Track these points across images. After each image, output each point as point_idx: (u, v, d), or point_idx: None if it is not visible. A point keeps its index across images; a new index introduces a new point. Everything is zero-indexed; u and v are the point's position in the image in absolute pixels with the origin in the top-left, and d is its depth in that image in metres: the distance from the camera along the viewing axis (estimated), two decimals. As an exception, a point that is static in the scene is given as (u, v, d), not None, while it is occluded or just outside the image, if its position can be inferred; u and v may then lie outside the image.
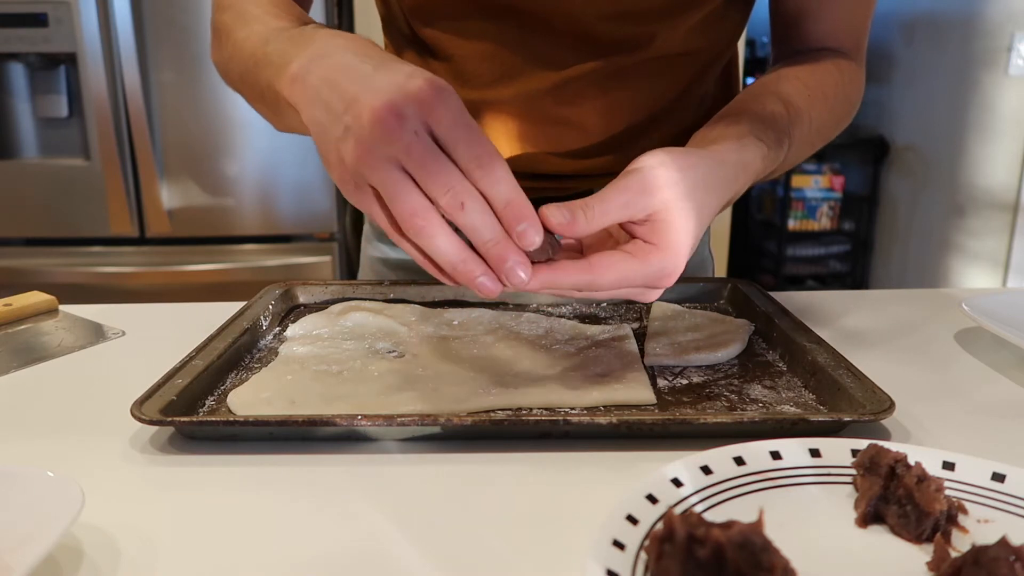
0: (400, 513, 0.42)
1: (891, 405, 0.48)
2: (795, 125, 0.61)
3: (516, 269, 0.43)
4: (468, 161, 0.43)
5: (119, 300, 0.83)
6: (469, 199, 0.42)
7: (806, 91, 0.65)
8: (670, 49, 0.70)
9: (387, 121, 0.42)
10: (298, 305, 0.74)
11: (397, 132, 0.42)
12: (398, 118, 0.42)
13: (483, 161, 0.43)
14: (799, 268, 3.31)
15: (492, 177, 0.43)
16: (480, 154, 0.43)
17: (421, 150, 0.42)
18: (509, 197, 0.43)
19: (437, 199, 0.42)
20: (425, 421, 0.47)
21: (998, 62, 2.51)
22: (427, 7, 0.71)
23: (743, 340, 0.62)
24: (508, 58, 0.70)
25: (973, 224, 2.64)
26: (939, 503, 0.37)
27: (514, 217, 0.43)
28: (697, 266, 0.86)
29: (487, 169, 0.43)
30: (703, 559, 0.30)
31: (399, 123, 0.42)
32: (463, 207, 0.42)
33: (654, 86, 0.72)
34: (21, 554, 0.34)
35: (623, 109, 0.72)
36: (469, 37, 0.71)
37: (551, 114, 0.72)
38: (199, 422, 0.49)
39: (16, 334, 0.69)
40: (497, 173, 0.43)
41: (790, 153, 0.61)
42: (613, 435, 0.49)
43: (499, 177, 0.43)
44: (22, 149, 2.01)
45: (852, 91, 0.72)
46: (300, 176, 2.01)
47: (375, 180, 0.43)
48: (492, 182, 0.43)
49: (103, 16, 1.84)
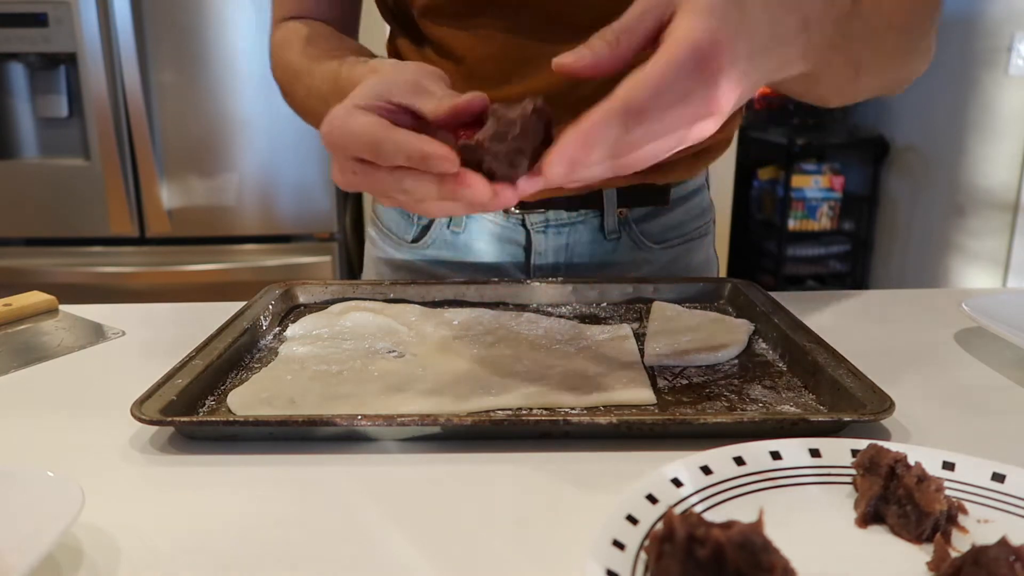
0: (400, 513, 0.42)
1: (891, 405, 0.48)
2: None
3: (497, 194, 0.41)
4: (373, 155, 0.43)
5: (119, 300, 0.83)
6: (403, 186, 0.43)
7: None
8: None
9: (334, 163, 0.46)
10: (298, 305, 0.74)
11: (341, 172, 0.45)
12: (342, 180, 0.46)
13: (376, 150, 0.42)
14: (799, 268, 3.31)
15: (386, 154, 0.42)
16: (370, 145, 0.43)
17: (358, 180, 0.45)
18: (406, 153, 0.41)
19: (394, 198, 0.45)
20: (425, 421, 0.47)
21: (998, 62, 2.51)
22: (437, 6, 0.71)
23: (743, 340, 0.62)
24: (519, 55, 0.70)
25: (973, 224, 2.64)
26: (939, 503, 0.37)
27: (417, 161, 0.41)
28: (702, 266, 0.86)
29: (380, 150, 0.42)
30: (703, 559, 0.30)
31: (340, 167, 0.45)
32: (407, 191, 0.43)
33: None
34: (21, 554, 0.34)
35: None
36: (480, 36, 0.71)
37: (564, 111, 0.71)
38: (199, 422, 0.49)
39: (16, 334, 0.69)
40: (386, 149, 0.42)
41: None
42: (613, 435, 0.49)
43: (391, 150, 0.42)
44: (22, 149, 2.01)
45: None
46: (300, 176, 2.01)
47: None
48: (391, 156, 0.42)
49: (103, 16, 1.84)
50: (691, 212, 0.84)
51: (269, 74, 0.75)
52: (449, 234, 0.81)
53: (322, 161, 2.00)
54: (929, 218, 2.85)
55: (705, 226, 0.86)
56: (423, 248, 0.82)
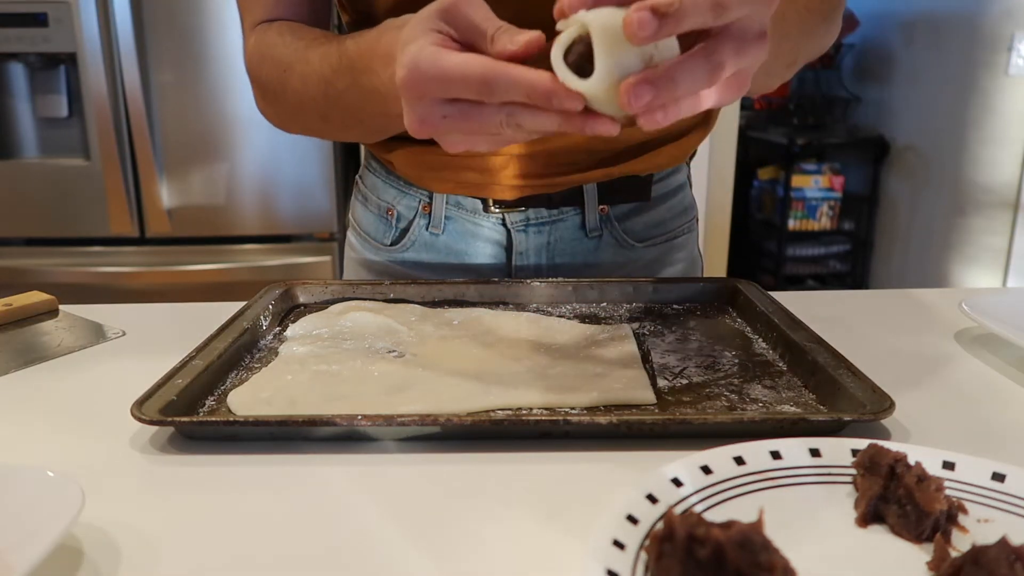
0: (400, 513, 0.42)
1: (891, 405, 0.48)
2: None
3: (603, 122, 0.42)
4: (480, 93, 0.43)
5: (119, 300, 0.83)
6: (517, 121, 0.44)
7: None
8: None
9: (411, 115, 0.46)
10: (298, 305, 0.74)
11: (419, 123, 0.46)
12: (425, 126, 0.46)
13: (484, 87, 0.43)
14: (799, 268, 3.31)
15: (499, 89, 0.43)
16: (479, 81, 0.43)
17: (448, 123, 0.45)
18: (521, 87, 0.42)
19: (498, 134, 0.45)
20: (425, 421, 0.47)
21: (998, 62, 2.51)
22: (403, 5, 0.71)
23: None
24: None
25: (973, 224, 2.64)
26: (939, 503, 0.37)
27: (539, 97, 0.42)
28: (687, 265, 0.86)
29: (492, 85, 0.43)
30: (703, 559, 0.30)
31: (429, 128, 0.45)
32: (520, 126, 0.44)
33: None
34: (21, 554, 0.34)
35: None
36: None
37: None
38: (199, 422, 0.49)
39: (16, 334, 0.69)
40: (500, 83, 0.42)
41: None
42: (613, 435, 0.49)
43: (504, 85, 0.42)
44: (22, 149, 2.01)
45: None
46: (300, 176, 2.01)
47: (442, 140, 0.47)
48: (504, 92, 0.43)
49: (103, 16, 1.84)
50: (674, 210, 0.84)
51: None
52: (428, 236, 0.80)
53: (322, 161, 2.00)
54: (929, 218, 2.85)
55: (688, 224, 0.86)
56: (402, 251, 0.81)
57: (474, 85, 0.43)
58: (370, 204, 0.84)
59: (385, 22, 0.57)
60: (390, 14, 0.72)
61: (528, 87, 0.42)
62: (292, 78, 0.66)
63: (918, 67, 2.92)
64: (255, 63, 0.72)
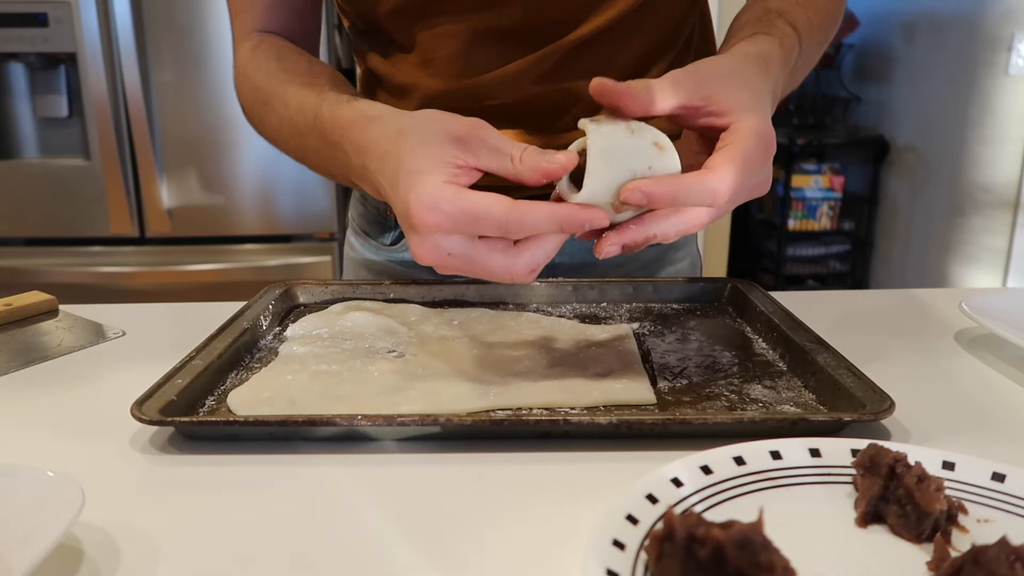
0: (400, 513, 0.42)
1: (891, 405, 0.48)
2: (794, 15, 0.62)
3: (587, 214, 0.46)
4: (505, 232, 0.45)
5: (119, 300, 0.83)
6: (527, 267, 0.47)
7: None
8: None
9: (426, 260, 0.47)
10: (298, 305, 0.74)
11: (432, 255, 0.46)
12: (431, 256, 0.46)
13: (510, 227, 0.45)
14: (799, 268, 3.31)
15: (527, 229, 0.45)
16: (503, 223, 0.45)
17: (456, 264, 0.46)
18: (553, 221, 0.45)
19: (503, 281, 0.47)
20: (425, 421, 0.47)
21: (998, 62, 2.51)
22: (405, 8, 0.71)
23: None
24: (490, 46, 0.70)
25: (973, 224, 2.64)
26: (939, 503, 0.37)
27: (573, 227, 0.46)
28: (685, 265, 0.86)
29: (519, 228, 0.45)
30: (703, 559, 0.30)
31: (435, 259, 0.46)
32: (531, 273, 0.47)
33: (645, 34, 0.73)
34: (21, 554, 0.34)
35: (616, 65, 0.72)
36: (449, 34, 0.70)
37: (553, 87, 0.72)
38: (199, 422, 0.49)
39: (16, 334, 0.69)
40: (527, 224, 0.45)
41: (804, 44, 0.62)
42: (613, 435, 0.49)
43: (529, 223, 0.45)
44: (22, 149, 2.01)
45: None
46: (300, 176, 2.01)
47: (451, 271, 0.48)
48: (532, 230, 0.45)
49: (103, 16, 1.84)
50: None
51: None
52: None
53: (322, 161, 1.99)
54: (929, 218, 2.85)
55: None
56: (402, 251, 0.81)
57: (498, 225, 0.45)
58: (369, 204, 0.84)
59: (357, 106, 0.56)
60: (391, 18, 0.72)
61: (562, 219, 0.45)
62: (270, 114, 0.65)
63: (918, 67, 2.91)
64: (240, 82, 0.71)
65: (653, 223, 0.48)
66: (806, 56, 0.63)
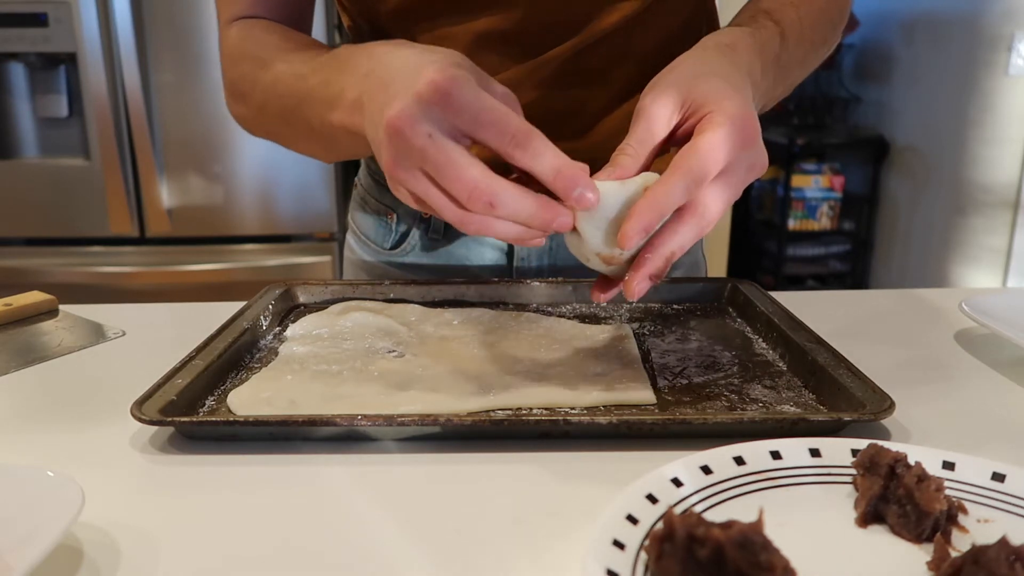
0: (400, 513, 0.42)
1: (891, 405, 0.48)
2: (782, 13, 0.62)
3: (563, 218, 0.44)
4: (502, 143, 0.42)
5: (119, 300, 0.83)
6: (495, 194, 0.42)
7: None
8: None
9: (400, 131, 0.42)
10: (298, 305, 0.74)
11: (410, 141, 0.42)
12: (410, 125, 0.42)
13: (518, 139, 0.42)
14: (799, 268, 3.31)
15: (531, 152, 0.42)
16: (513, 132, 0.42)
17: (434, 154, 0.42)
18: (556, 166, 0.43)
19: (464, 204, 0.43)
20: (425, 421, 0.47)
21: (998, 62, 2.51)
22: (407, 9, 0.71)
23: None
24: (491, 51, 0.70)
25: (973, 224, 2.64)
26: (939, 503, 0.37)
27: (566, 185, 0.43)
28: (690, 268, 0.86)
29: (524, 146, 0.42)
30: (703, 559, 0.30)
31: (411, 130, 0.42)
32: (492, 205, 0.42)
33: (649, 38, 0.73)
34: (21, 554, 0.34)
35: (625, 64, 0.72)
36: (449, 36, 0.70)
37: (555, 93, 0.72)
38: (199, 422, 0.49)
39: (16, 334, 0.69)
40: (535, 146, 0.42)
41: (791, 40, 0.61)
42: (613, 435, 0.49)
43: (538, 150, 0.42)
44: (22, 149, 2.01)
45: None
46: (300, 176, 2.01)
47: (411, 189, 0.44)
48: (532, 156, 0.42)
49: (103, 16, 1.84)
50: None
51: None
52: (428, 241, 0.80)
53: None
54: (929, 218, 2.85)
55: None
56: (402, 255, 0.81)
57: (509, 134, 0.42)
58: (369, 207, 0.84)
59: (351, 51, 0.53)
60: (392, 19, 0.72)
61: (528, 213, 0.43)
62: (266, 74, 0.63)
63: (918, 67, 2.91)
64: (233, 59, 0.70)
65: (664, 242, 0.46)
66: (797, 53, 0.63)
